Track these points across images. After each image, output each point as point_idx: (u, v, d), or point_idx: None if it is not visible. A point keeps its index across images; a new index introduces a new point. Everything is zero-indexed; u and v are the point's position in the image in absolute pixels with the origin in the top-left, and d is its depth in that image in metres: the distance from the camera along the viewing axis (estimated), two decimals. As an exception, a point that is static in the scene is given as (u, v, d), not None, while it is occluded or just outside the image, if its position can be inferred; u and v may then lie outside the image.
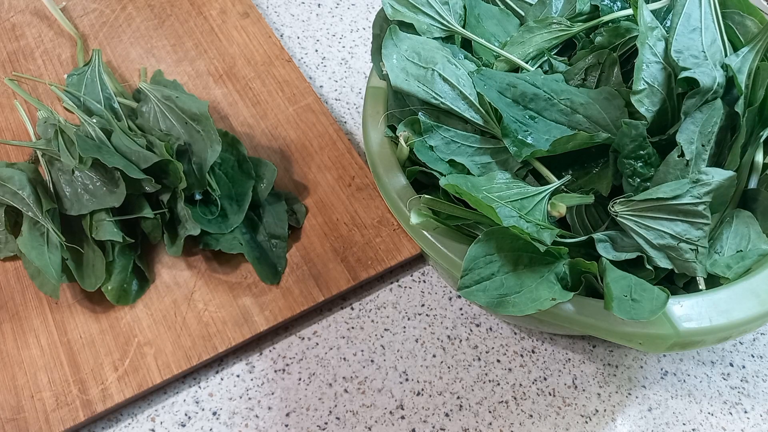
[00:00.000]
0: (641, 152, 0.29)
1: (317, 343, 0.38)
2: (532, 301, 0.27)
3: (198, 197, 0.39)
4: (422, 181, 0.34)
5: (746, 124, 0.30)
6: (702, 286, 0.29)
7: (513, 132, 0.31)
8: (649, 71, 0.30)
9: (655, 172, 0.29)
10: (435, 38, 0.34)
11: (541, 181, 0.32)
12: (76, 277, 0.37)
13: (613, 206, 0.29)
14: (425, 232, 0.31)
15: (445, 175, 0.30)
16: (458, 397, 0.36)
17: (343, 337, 0.38)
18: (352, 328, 0.39)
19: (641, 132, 0.29)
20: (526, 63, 0.35)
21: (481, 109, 0.32)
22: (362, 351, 0.38)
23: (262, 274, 0.38)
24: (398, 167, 0.33)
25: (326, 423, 0.35)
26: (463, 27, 0.36)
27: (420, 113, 0.33)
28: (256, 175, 0.41)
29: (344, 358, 0.38)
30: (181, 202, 0.38)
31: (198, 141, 0.40)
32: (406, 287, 0.41)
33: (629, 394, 0.37)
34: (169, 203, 0.39)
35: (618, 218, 0.29)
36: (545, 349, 0.38)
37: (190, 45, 0.51)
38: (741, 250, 0.29)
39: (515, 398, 0.36)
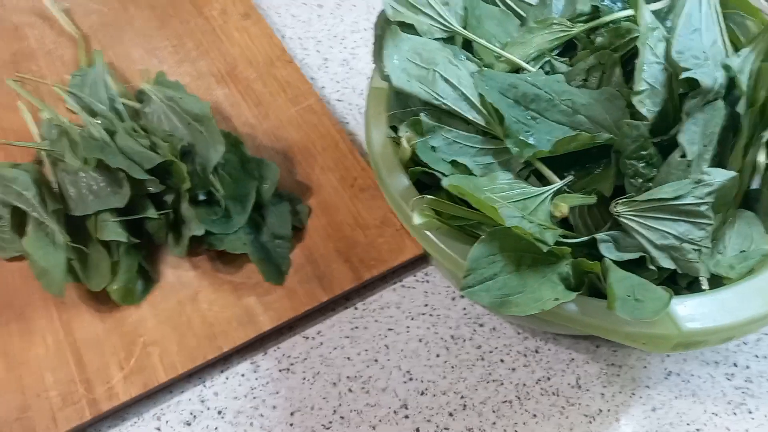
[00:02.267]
0: (643, 153, 0.29)
1: (321, 343, 0.38)
2: (535, 301, 0.27)
3: (202, 198, 0.40)
4: (425, 181, 0.34)
5: (748, 124, 0.30)
6: (705, 286, 0.29)
7: (515, 133, 0.31)
8: (650, 72, 0.30)
9: (657, 172, 0.29)
10: (436, 39, 0.34)
11: (544, 181, 0.32)
12: (81, 277, 0.37)
13: (615, 207, 0.29)
14: (428, 233, 0.31)
15: (447, 176, 0.30)
16: (462, 397, 0.36)
17: (347, 337, 0.39)
18: (356, 328, 0.39)
19: (643, 132, 0.29)
20: (528, 64, 0.35)
21: (482, 109, 0.32)
22: (366, 351, 0.38)
23: (266, 274, 0.38)
24: (401, 168, 0.34)
25: (330, 422, 0.36)
26: (464, 28, 0.36)
27: (422, 114, 0.33)
28: (259, 176, 0.41)
29: (348, 358, 0.38)
30: (186, 202, 0.38)
31: (201, 142, 0.40)
32: (409, 287, 0.41)
33: (633, 394, 0.37)
34: (173, 204, 0.39)
35: (620, 219, 0.29)
36: (549, 349, 0.38)
37: (192, 46, 0.52)
38: (744, 251, 0.29)
39: (519, 398, 0.36)
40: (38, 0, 0.54)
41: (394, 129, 0.35)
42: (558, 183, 0.30)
